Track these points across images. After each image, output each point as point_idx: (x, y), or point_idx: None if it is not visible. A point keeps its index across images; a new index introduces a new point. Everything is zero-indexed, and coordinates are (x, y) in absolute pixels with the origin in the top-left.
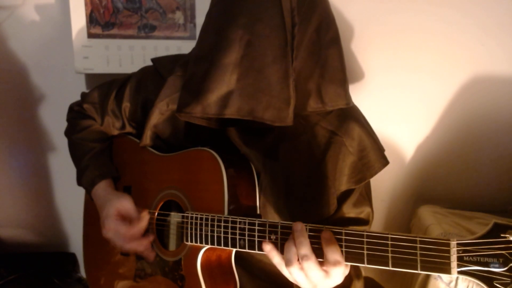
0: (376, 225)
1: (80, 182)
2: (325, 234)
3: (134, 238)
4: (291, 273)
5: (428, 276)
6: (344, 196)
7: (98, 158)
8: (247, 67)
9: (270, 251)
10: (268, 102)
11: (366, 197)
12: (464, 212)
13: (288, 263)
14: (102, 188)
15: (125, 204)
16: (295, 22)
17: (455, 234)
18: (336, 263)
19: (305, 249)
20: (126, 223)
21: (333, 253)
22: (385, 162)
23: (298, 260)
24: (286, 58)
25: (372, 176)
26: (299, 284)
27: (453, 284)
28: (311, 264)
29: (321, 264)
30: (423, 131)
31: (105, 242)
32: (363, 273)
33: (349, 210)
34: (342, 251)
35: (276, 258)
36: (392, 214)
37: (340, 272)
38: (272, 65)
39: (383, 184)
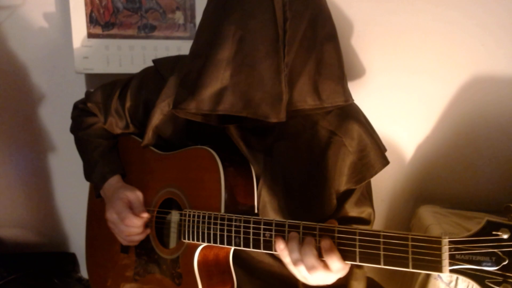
0: (376, 225)
1: (90, 177)
2: (324, 243)
3: (134, 226)
4: (299, 271)
5: (428, 276)
6: (345, 196)
7: (107, 154)
8: (240, 63)
9: (283, 250)
10: (261, 98)
11: (367, 197)
12: (464, 212)
13: (296, 263)
14: (116, 180)
15: (138, 194)
16: (287, 17)
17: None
18: (339, 271)
19: (312, 260)
20: (132, 211)
21: (335, 263)
22: (385, 162)
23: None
24: (277, 54)
25: (372, 176)
26: (307, 279)
27: (453, 284)
28: (318, 272)
29: (326, 264)
30: (423, 131)
31: (107, 241)
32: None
33: (351, 209)
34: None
35: (287, 258)
36: (392, 214)
37: (342, 272)
38: (264, 60)
39: (383, 184)
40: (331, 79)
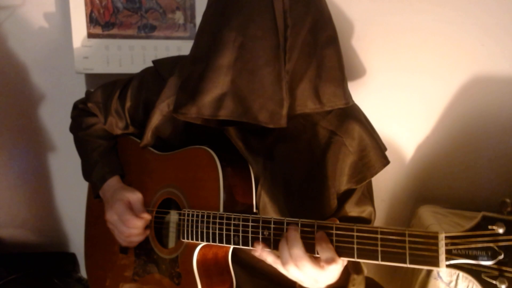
0: (376, 225)
1: (89, 177)
2: (317, 234)
3: (135, 227)
4: (288, 271)
5: (428, 277)
6: (345, 196)
7: (106, 155)
8: (240, 69)
9: (261, 253)
10: (262, 104)
11: (368, 196)
12: (464, 212)
13: (284, 263)
14: (116, 181)
15: (138, 195)
16: (288, 24)
17: None
18: (330, 261)
19: (297, 250)
20: (132, 212)
21: (326, 252)
22: (385, 161)
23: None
24: (278, 61)
25: (373, 175)
26: (299, 280)
27: (453, 284)
28: (305, 263)
29: (317, 260)
30: (423, 131)
31: (106, 241)
32: (366, 272)
33: (352, 209)
34: (333, 246)
35: (269, 258)
36: (392, 214)
37: (336, 267)
38: (265, 67)
39: (383, 184)
40: (332, 82)
